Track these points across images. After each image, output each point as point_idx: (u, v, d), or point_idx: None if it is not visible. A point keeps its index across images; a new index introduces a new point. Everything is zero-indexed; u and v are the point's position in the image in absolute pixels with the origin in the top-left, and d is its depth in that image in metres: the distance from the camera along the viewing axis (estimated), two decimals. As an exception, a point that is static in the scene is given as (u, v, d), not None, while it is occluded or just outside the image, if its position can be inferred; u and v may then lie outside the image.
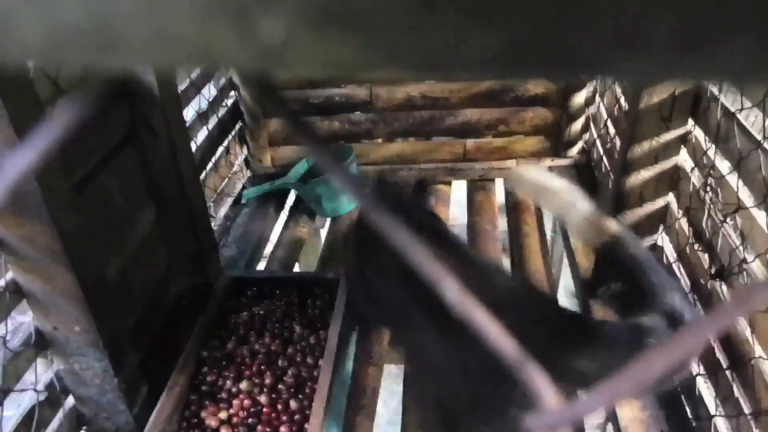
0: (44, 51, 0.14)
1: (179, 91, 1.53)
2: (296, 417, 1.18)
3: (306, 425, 1.12)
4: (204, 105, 1.87)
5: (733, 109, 1.18)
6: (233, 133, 2.13)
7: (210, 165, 1.90)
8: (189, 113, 1.75)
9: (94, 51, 0.14)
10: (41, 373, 1.14)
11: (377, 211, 0.20)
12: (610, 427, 1.36)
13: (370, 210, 0.21)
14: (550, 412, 0.19)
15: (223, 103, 2.05)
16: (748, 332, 1.09)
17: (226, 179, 2.04)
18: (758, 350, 1.06)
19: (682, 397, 1.33)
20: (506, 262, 1.93)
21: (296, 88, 2.15)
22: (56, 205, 0.95)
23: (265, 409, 1.19)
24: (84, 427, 1.27)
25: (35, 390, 1.13)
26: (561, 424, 0.19)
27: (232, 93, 2.13)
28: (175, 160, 1.36)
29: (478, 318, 0.19)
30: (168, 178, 1.38)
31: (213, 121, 1.94)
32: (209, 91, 1.93)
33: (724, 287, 1.20)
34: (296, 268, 1.97)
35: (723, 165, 1.23)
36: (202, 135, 1.85)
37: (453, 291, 0.19)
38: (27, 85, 0.90)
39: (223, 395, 1.22)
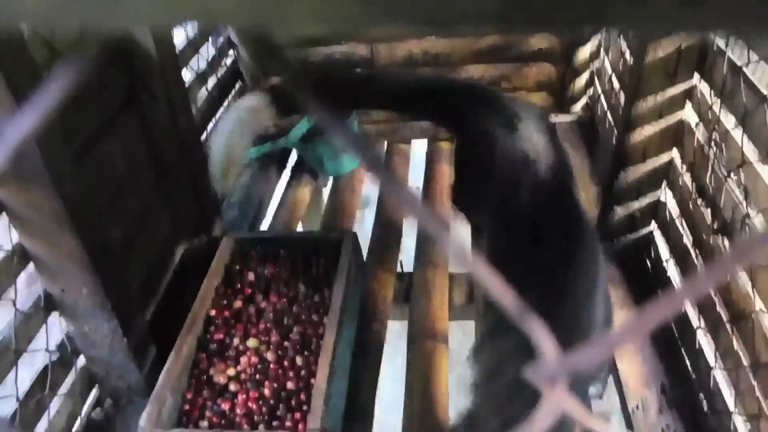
0: (43, 13, 0.14)
1: (177, 52, 1.51)
2: (302, 373, 1.20)
3: (312, 381, 1.14)
4: (203, 65, 1.85)
5: (739, 63, 1.16)
6: (233, 93, 2.11)
7: (210, 126, 1.88)
8: (188, 74, 1.73)
9: (92, 12, 0.14)
10: (52, 334, 1.16)
11: (379, 170, 0.20)
12: (610, 380, 1.39)
13: (372, 168, 0.21)
14: (550, 362, 0.19)
15: (222, 63, 2.03)
16: (749, 287, 1.10)
17: (228, 141, 2.03)
18: (759, 304, 1.07)
19: (682, 350, 1.35)
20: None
21: (295, 46, 2.12)
22: (58, 170, 0.95)
23: (272, 366, 1.22)
24: (96, 386, 1.30)
25: (47, 351, 1.15)
26: (561, 375, 0.19)
27: (231, 52, 2.10)
28: (175, 122, 1.36)
29: (479, 270, 0.19)
30: (169, 140, 1.38)
31: (212, 82, 1.92)
32: (207, 51, 1.90)
33: (727, 242, 1.20)
34: (299, 228, 1.98)
35: (728, 120, 1.22)
36: (201, 96, 1.83)
37: (454, 245, 0.19)
38: (22, 49, 0.89)
39: (231, 353, 1.24)
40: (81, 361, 1.25)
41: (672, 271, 1.47)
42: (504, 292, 0.19)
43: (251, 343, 1.25)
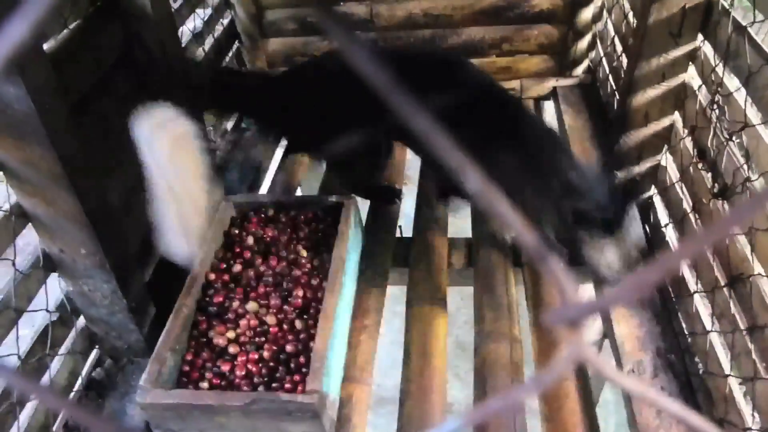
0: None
1: (173, 10, 1.48)
2: (302, 336, 1.21)
3: (311, 344, 1.15)
4: (199, 25, 1.81)
5: (744, 23, 1.14)
6: (230, 54, 2.08)
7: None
8: (184, 33, 1.70)
9: None
10: (51, 294, 1.16)
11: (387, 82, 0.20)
12: (606, 344, 1.40)
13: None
14: (572, 305, 0.19)
15: (219, 23, 1.99)
16: (747, 250, 1.10)
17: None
18: (757, 268, 1.07)
19: (679, 314, 1.36)
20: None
21: (293, 6, 2.08)
22: (54, 128, 0.94)
23: (271, 329, 1.22)
24: (96, 346, 1.31)
25: (47, 310, 1.15)
26: (583, 318, 0.19)
27: (228, 12, 2.06)
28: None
29: (501, 208, 0.19)
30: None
31: (209, 42, 1.88)
32: (204, 10, 1.86)
33: (726, 206, 1.20)
34: (298, 192, 1.97)
35: (731, 82, 1.20)
36: (198, 56, 1.80)
37: (476, 181, 0.19)
38: None
39: (230, 316, 1.24)
40: (81, 321, 1.25)
41: (671, 235, 1.47)
42: (525, 230, 0.19)
43: (251, 306, 1.26)
